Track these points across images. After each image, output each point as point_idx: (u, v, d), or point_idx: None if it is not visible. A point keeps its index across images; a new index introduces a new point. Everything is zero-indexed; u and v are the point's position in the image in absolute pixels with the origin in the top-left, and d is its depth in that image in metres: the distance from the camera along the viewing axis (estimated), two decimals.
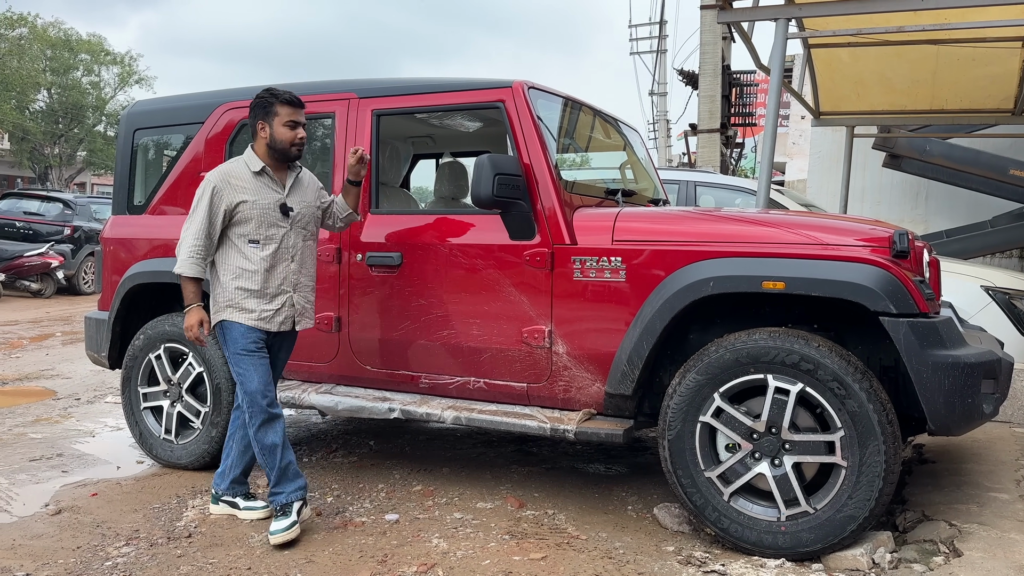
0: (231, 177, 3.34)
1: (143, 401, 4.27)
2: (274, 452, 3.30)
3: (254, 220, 3.32)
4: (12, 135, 31.37)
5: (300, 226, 3.44)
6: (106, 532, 3.37)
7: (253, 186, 3.35)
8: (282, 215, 3.38)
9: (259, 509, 3.51)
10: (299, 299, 3.45)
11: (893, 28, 5.59)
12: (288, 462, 3.34)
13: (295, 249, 3.43)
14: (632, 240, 3.32)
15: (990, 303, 5.03)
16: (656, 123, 25.33)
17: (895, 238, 3.03)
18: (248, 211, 3.32)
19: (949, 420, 2.92)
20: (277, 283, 3.38)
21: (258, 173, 3.37)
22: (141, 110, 4.70)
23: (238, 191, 3.32)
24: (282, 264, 3.39)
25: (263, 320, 3.35)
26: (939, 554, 2.94)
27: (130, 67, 33.76)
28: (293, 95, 3.40)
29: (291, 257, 3.41)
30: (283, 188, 3.42)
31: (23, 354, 7.79)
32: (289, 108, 3.37)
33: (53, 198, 14.22)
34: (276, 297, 3.38)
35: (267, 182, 3.39)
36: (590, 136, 4.40)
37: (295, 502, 3.30)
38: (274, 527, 3.23)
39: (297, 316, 3.45)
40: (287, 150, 3.38)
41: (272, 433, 3.31)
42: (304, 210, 3.46)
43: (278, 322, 3.39)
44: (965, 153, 8.00)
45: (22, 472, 4.17)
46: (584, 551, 3.15)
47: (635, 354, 3.23)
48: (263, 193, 3.36)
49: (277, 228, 3.37)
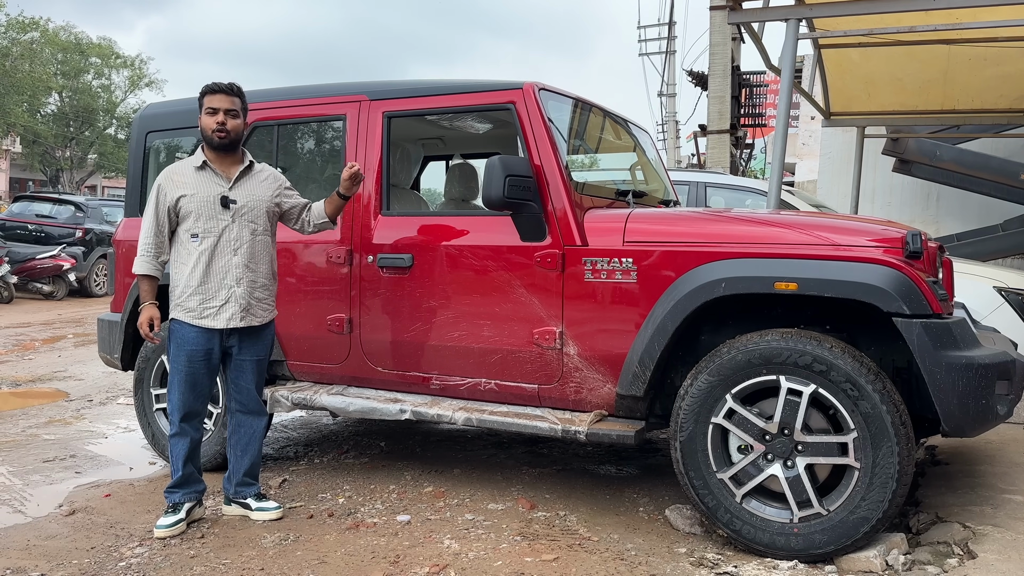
0: (173, 174, 3.41)
1: (155, 403, 4.29)
2: (177, 461, 3.44)
3: (193, 214, 3.35)
4: (24, 138, 31.60)
5: (247, 219, 3.41)
6: (120, 533, 3.38)
7: (194, 180, 3.38)
8: (222, 207, 3.37)
9: (271, 511, 3.52)
10: (242, 293, 3.40)
11: (904, 28, 5.57)
12: (191, 472, 3.47)
13: (239, 242, 3.40)
14: (643, 241, 3.32)
15: (1003, 304, 5.00)
16: (665, 124, 25.29)
17: (908, 238, 3.02)
18: (187, 205, 3.35)
19: (963, 421, 2.90)
20: (219, 277, 3.37)
21: (199, 167, 3.41)
22: (153, 113, 4.73)
23: (178, 187, 3.36)
24: (223, 258, 3.37)
25: (206, 317, 3.36)
26: (953, 556, 2.92)
27: (140, 70, 33.99)
28: (217, 82, 3.43)
29: (233, 250, 3.39)
30: (228, 181, 3.42)
31: (36, 356, 7.83)
32: (210, 96, 3.40)
33: (64, 201, 14.29)
34: (218, 292, 3.37)
35: (209, 176, 3.41)
36: (600, 137, 4.39)
37: (187, 503, 3.44)
38: (160, 522, 3.36)
39: (243, 312, 3.41)
40: (209, 138, 3.40)
41: (179, 446, 3.43)
42: (251, 203, 3.43)
43: (224, 318, 3.38)
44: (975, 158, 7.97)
45: (36, 473, 4.19)
46: (596, 552, 3.14)
47: (646, 355, 3.23)
48: (204, 187, 3.38)
49: (217, 221, 3.37)
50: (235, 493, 3.58)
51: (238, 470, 3.57)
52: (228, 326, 3.39)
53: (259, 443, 3.62)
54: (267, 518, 3.51)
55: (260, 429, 3.62)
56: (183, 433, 3.43)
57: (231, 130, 3.41)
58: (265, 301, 3.52)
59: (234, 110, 3.42)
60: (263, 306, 3.51)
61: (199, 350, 3.39)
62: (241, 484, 3.58)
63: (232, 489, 3.58)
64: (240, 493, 3.58)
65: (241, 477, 3.57)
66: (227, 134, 3.40)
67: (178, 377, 3.40)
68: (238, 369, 3.52)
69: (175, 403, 3.42)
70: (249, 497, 3.57)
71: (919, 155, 7.98)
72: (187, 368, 3.39)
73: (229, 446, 3.60)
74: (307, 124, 4.21)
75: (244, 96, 3.51)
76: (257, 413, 3.61)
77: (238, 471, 3.57)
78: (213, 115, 3.38)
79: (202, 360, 3.40)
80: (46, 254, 12.39)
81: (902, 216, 9.84)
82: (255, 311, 3.47)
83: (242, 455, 3.57)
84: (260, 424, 3.62)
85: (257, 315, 3.48)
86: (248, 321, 3.44)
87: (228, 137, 3.41)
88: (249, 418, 3.58)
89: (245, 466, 3.57)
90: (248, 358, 3.52)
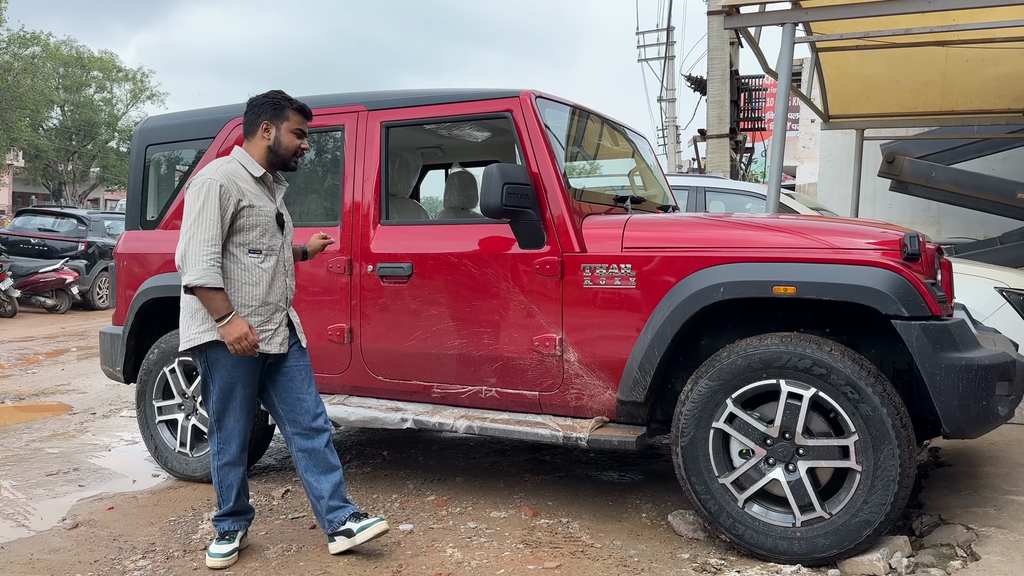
0: (237, 178, 3.07)
1: (158, 415, 4.30)
2: (230, 491, 3.21)
3: (259, 227, 3.10)
4: (26, 152, 31.71)
5: (290, 239, 3.29)
6: (123, 546, 3.39)
7: (255, 191, 3.12)
8: (278, 226, 3.19)
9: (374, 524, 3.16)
10: (292, 315, 3.28)
11: (900, 31, 5.59)
12: (243, 503, 3.26)
13: (290, 263, 3.27)
14: (641, 247, 3.32)
15: (1004, 304, 5.00)
16: (665, 129, 25.33)
17: (905, 241, 3.02)
18: (253, 217, 3.08)
19: (963, 423, 2.90)
20: (275, 299, 3.17)
21: (259, 179, 3.16)
22: (153, 126, 4.75)
23: (244, 194, 3.06)
24: (280, 279, 3.19)
25: (262, 341, 3.10)
26: (956, 558, 2.91)
27: (142, 83, 34.10)
28: (306, 105, 3.24)
29: (286, 271, 3.24)
30: (275, 198, 3.23)
31: (39, 369, 7.85)
32: (300, 116, 3.20)
33: (67, 214, 14.33)
34: (275, 315, 3.16)
35: (265, 190, 3.18)
36: (598, 143, 4.41)
37: (239, 531, 3.25)
38: (214, 550, 3.17)
39: (292, 334, 3.25)
40: (288, 160, 3.19)
41: (231, 476, 3.20)
42: (291, 223, 3.32)
43: (277, 343, 3.16)
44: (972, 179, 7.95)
45: (39, 487, 4.20)
46: (599, 559, 3.14)
47: (647, 361, 3.23)
48: (264, 200, 3.14)
49: (276, 238, 3.17)
50: (330, 525, 3.20)
51: (320, 495, 3.19)
52: (281, 351, 3.17)
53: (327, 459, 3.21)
54: (374, 534, 3.15)
55: (321, 446, 3.21)
56: (239, 463, 3.19)
57: None
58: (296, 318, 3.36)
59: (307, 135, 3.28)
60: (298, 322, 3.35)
61: (255, 373, 3.15)
62: (330, 511, 3.20)
63: (326, 523, 3.21)
64: (334, 522, 3.19)
65: (327, 503, 3.19)
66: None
67: (234, 404, 3.13)
68: (288, 381, 3.22)
69: (231, 431, 3.15)
70: (348, 521, 3.18)
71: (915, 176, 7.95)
72: (245, 394, 3.14)
73: (304, 482, 3.26)
74: None
75: None
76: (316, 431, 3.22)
77: (320, 496, 3.19)
78: (300, 138, 3.20)
79: (255, 385, 3.18)
80: (49, 268, 12.43)
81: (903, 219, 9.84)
82: (300, 329, 3.32)
83: (320, 477, 3.21)
84: (321, 441, 3.22)
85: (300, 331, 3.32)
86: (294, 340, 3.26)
87: (298, 166, 3.29)
88: (308, 440, 3.21)
89: (327, 489, 3.19)
90: (292, 364, 3.24)
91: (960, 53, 6.83)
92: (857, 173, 9.06)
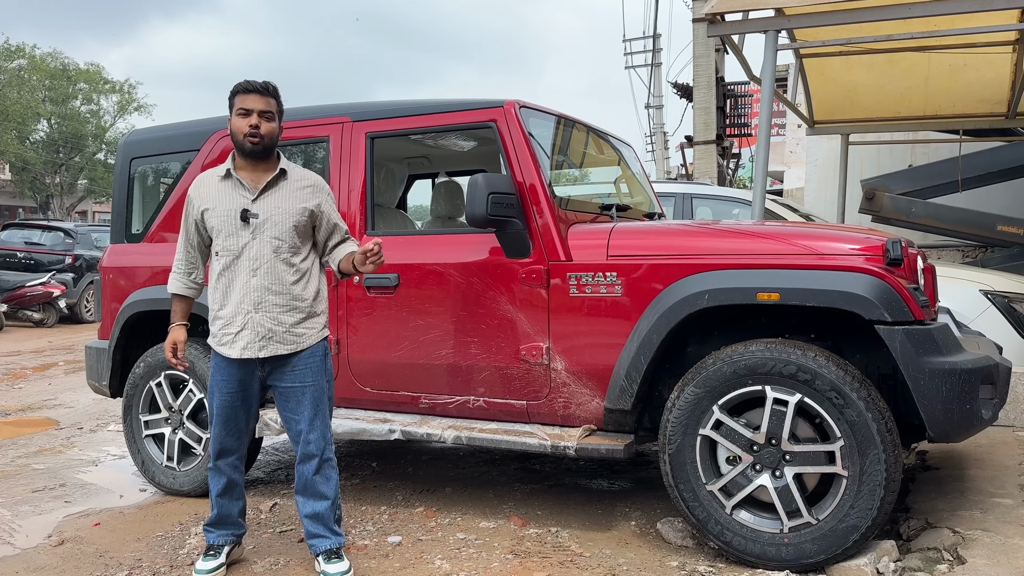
0: (200, 184, 3.09)
1: (145, 429, 4.27)
2: (213, 498, 3.18)
3: (215, 229, 3.03)
4: (13, 165, 31.53)
5: (268, 236, 2.99)
6: (109, 562, 3.36)
7: (216, 192, 3.04)
8: (242, 222, 2.99)
9: None
10: (263, 319, 3.00)
11: (882, 37, 5.63)
12: (228, 512, 3.20)
13: (258, 261, 2.99)
14: (626, 255, 3.33)
15: (989, 307, 5.03)
16: (653, 136, 25.42)
17: (888, 246, 3.04)
18: (211, 219, 3.03)
19: (948, 427, 2.92)
20: (236, 300, 3.00)
21: (223, 177, 3.06)
22: (137, 139, 4.73)
23: (203, 199, 3.05)
24: (240, 278, 3.00)
25: (224, 345, 3.02)
26: (943, 562, 2.92)
27: (129, 95, 33.96)
28: (250, 80, 3.02)
29: (252, 271, 2.99)
30: (253, 192, 3.02)
31: (26, 384, 7.79)
32: (242, 96, 3.00)
33: (53, 227, 14.27)
34: (235, 318, 3.00)
35: (233, 186, 3.04)
36: (583, 152, 4.42)
37: (225, 545, 3.20)
38: (200, 566, 3.13)
39: (261, 340, 3.00)
40: (241, 143, 3.00)
41: (213, 482, 3.17)
42: (276, 217, 3.01)
43: (240, 347, 2.99)
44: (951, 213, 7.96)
45: (25, 503, 4.16)
46: (587, 569, 3.13)
47: (633, 368, 3.23)
48: (225, 199, 3.02)
49: (237, 237, 3.00)
50: (310, 547, 3.14)
51: (303, 516, 3.13)
52: (242, 356, 3.00)
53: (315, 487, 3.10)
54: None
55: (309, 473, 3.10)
56: (217, 471, 3.15)
57: (265, 134, 2.99)
58: (302, 325, 3.06)
59: (269, 112, 3.01)
60: (296, 332, 3.04)
61: (231, 380, 3.06)
62: (308, 536, 3.14)
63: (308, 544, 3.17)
64: (312, 547, 3.13)
65: (308, 527, 3.13)
66: (261, 139, 2.98)
67: (212, 409, 3.11)
68: (282, 398, 3.11)
69: (213, 436, 3.12)
70: (320, 553, 3.10)
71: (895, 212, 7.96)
72: (219, 400, 3.08)
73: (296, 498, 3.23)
74: (290, 147, 4.22)
75: (280, 97, 3.10)
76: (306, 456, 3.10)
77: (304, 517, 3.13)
78: (245, 117, 2.97)
79: (235, 392, 3.07)
80: (36, 281, 12.37)
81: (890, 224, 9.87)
82: (283, 338, 3.02)
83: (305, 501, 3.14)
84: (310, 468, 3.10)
85: (286, 342, 3.03)
86: (272, 350, 3.01)
87: (262, 143, 2.99)
88: (300, 463, 3.12)
89: (308, 514, 3.12)
90: (287, 385, 3.08)
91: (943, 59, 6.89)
92: (843, 178, 9.11)
